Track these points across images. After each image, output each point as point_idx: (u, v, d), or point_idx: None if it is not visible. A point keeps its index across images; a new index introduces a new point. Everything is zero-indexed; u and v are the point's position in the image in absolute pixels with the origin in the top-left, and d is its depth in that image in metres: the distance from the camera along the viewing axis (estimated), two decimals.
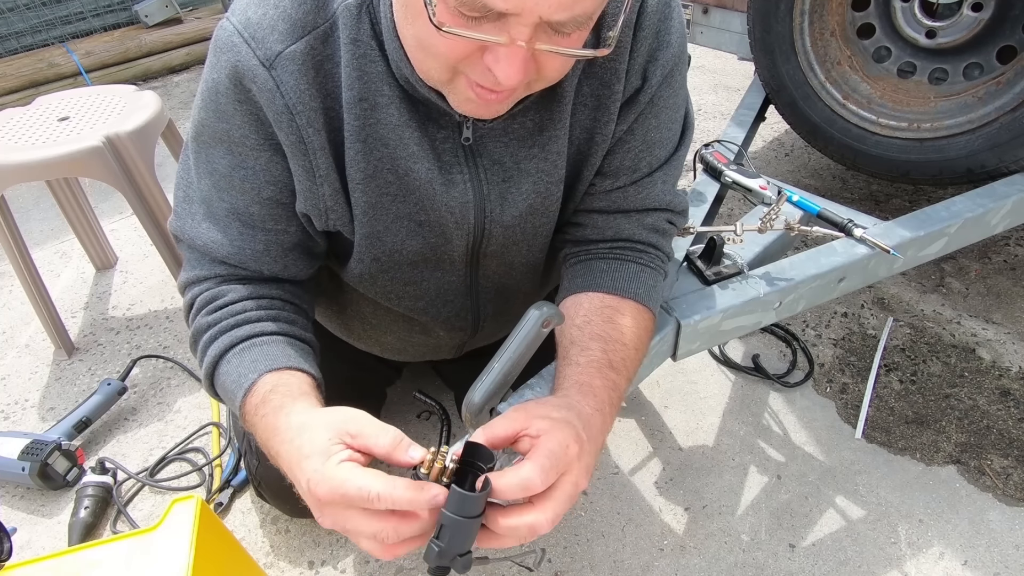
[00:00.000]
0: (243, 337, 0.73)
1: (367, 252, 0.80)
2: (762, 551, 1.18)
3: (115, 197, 2.25)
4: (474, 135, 0.73)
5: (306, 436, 0.58)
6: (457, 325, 0.96)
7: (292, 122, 0.68)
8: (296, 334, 0.77)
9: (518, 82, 0.56)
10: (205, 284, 0.77)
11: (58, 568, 0.77)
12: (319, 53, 0.67)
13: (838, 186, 2.15)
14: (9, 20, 3.06)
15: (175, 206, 0.79)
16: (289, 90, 0.66)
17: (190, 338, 0.78)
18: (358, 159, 0.71)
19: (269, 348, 0.72)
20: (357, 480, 0.52)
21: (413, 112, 0.70)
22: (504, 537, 0.55)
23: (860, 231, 1.11)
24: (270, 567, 1.19)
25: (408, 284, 0.87)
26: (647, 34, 0.72)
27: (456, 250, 0.83)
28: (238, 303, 0.75)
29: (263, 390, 0.67)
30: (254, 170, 0.72)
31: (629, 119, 0.78)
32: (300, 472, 0.56)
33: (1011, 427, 1.36)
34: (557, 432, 0.56)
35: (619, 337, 0.75)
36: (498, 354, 0.58)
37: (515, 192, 0.77)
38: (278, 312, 0.77)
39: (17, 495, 1.35)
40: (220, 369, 0.73)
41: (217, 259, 0.76)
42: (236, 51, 0.66)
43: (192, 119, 0.75)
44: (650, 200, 0.83)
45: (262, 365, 0.69)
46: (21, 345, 1.73)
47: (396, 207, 0.76)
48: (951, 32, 1.52)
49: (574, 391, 0.67)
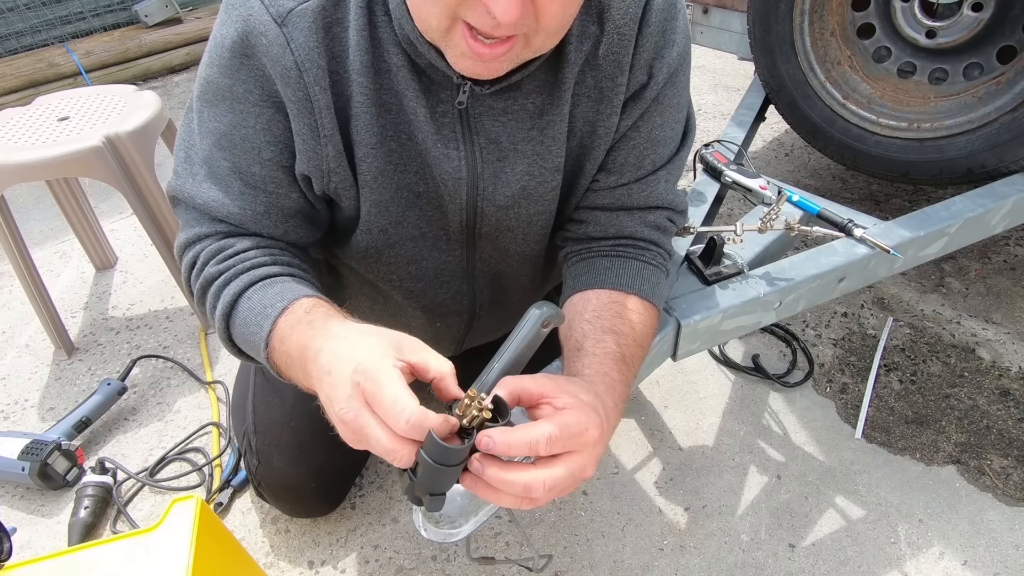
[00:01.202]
0: (262, 276, 0.72)
1: (375, 222, 0.80)
2: (762, 551, 1.18)
3: (115, 197, 2.26)
4: (472, 109, 0.73)
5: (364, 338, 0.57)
6: (453, 309, 0.96)
7: (300, 79, 0.68)
8: (310, 279, 0.76)
9: (516, 19, 0.55)
10: (208, 240, 0.76)
11: (58, 568, 0.77)
12: (330, 15, 0.67)
13: (838, 186, 2.15)
14: (9, 20, 3.06)
15: (175, 166, 0.78)
16: (299, 47, 0.67)
17: (196, 290, 0.75)
18: (371, 124, 0.71)
19: (292, 283, 0.71)
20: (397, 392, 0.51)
21: (416, 80, 0.70)
22: (499, 493, 0.54)
23: (860, 231, 1.11)
24: (270, 567, 1.19)
25: (410, 263, 0.87)
26: (653, 31, 0.73)
27: (452, 225, 0.83)
28: (249, 251, 0.74)
29: (302, 309, 0.66)
30: (255, 128, 0.72)
31: (634, 115, 0.78)
32: (347, 361, 0.54)
33: (1011, 427, 1.36)
34: (580, 412, 0.55)
35: (629, 332, 0.75)
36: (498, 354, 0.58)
37: (508, 172, 0.77)
38: (290, 259, 0.77)
39: (17, 495, 1.35)
40: (240, 307, 0.71)
41: (217, 218, 0.75)
42: (249, 6, 0.67)
43: (199, 76, 0.74)
44: (653, 198, 0.83)
45: (291, 293, 0.68)
46: (21, 345, 1.73)
47: (398, 176, 0.76)
48: (951, 32, 1.52)
49: (599, 381, 0.65)
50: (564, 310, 0.81)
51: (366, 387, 0.52)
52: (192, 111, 0.76)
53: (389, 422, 0.51)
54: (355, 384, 0.52)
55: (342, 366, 0.54)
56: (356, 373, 0.53)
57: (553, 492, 0.53)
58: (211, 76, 0.71)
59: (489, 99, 0.73)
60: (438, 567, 1.17)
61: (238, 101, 0.71)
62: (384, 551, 1.20)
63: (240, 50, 0.68)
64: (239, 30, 0.67)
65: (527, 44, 0.62)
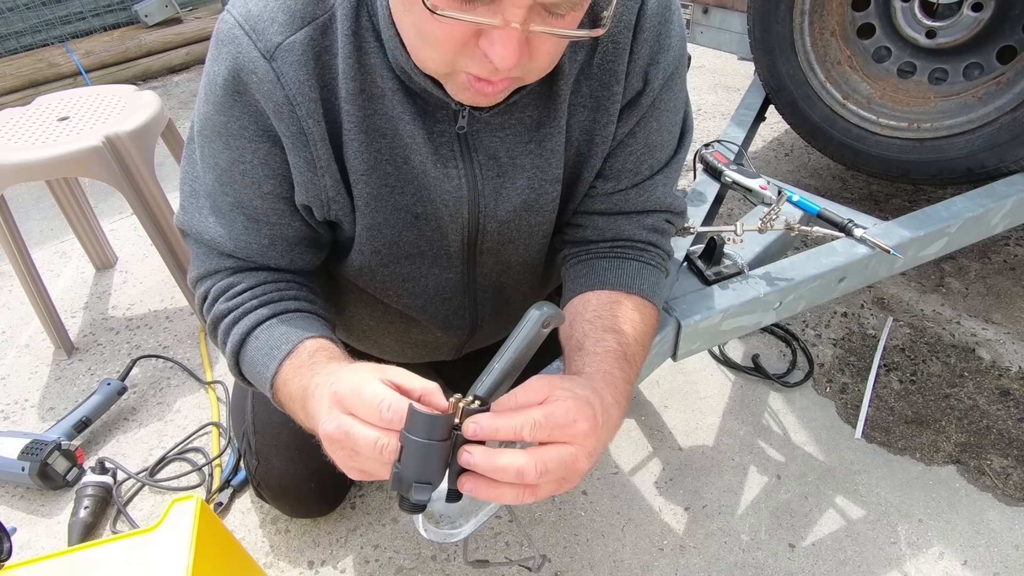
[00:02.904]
0: (268, 316, 0.74)
1: (368, 244, 0.80)
2: (762, 551, 1.18)
3: (115, 197, 2.25)
4: (470, 127, 0.73)
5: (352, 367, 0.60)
6: (455, 324, 0.96)
7: (292, 113, 0.68)
8: (318, 312, 0.78)
9: (514, 64, 0.56)
10: (217, 276, 0.78)
11: (58, 568, 0.77)
12: (318, 44, 0.67)
13: (838, 186, 2.15)
14: (9, 20, 3.06)
15: (182, 200, 0.80)
16: (289, 81, 0.67)
17: (208, 326, 0.79)
18: (361, 150, 0.72)
19: (299, 321, 0.74)
20: (374, 387, 0.53)
21: (410, 104, 0.70)
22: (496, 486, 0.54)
23: (860, 231, 1.11)
24: (270, 567, 1.19)
25: (407, 281, 0.87)
26: (647, 36, 0.72)
27: (452, 244, 0.83)
28: (257, 287, 0.77)
29: (306, 352, 0.69)
30: (252, 164, 0.73)
31: (631, 122, 0.78)
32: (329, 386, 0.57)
33: (1011, 427, 1.36)
34: (570, 403, 0.55)
35: (630, 331, 0.75)
36: (498, 354, 0.58)
37: (509, 187, 0.78)
38: (296, 292, 0.79)
39: (17, 495, 1.35)
40: (248, 346, 0.74)
41: (225, 253, 0.77)
42: (237, 43, 0.67)
43: (196, 113, 0.76)
44: (651, 202, 0.83)
45: (295, 335, 0.71)
46: (21, 345, 1.73)
47: (395, 199, 0.76)
48: (951, 32, 1.52)
49: (599, 378, 0.66)
50: (566, 311, 0.81)
51: (345, 398, 0.54)
52: (194, 145, 0.77)
53: (371, 418, 0.53)
54: (333, 396, 0.55)
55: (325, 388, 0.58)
56: (336, 390, 0.56)
57: (547, 478, 0.53)
58: (208, 113, 0.72)
59: (486, 116, 0.73)
60: (438, 567, 1.17)
61: (234, 137, 0.71)
62: (384, 551, 1.20)
63: (232, 87, 0.68)
64: (230, 67, 0.67)
65: (522, 79, 0.64)
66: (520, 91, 0.70)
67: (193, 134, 0.77)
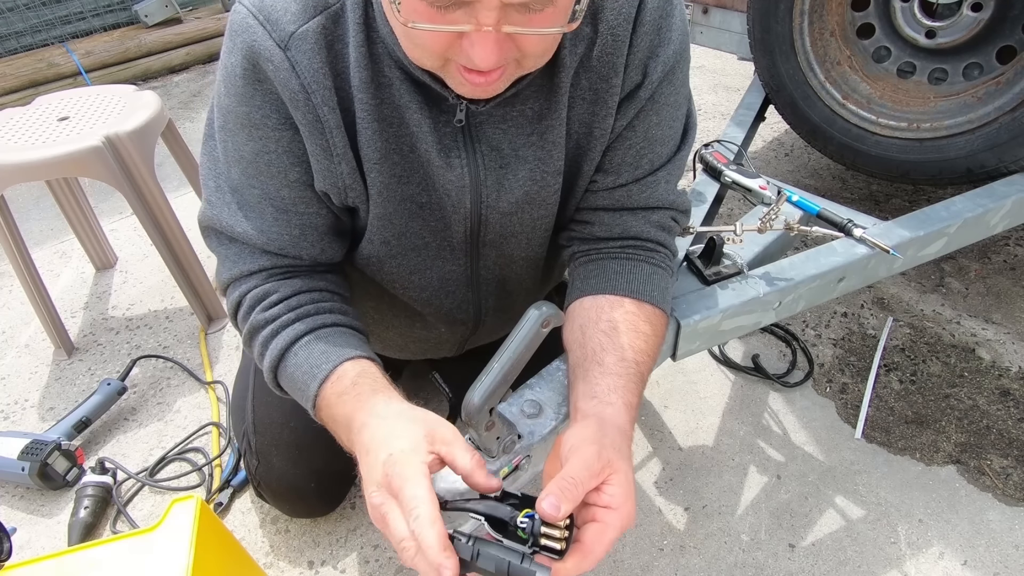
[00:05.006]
0: (305, 331, 0.75)
1: (378, 234, 0.81)
2: (762, 551, 1.18)
3: (115, 197, 2.25)
4: (472, 120, 0.74)
5: (402, 424, 0.62)
6: (459, 318, 0.97)
7: (308, 101, 0.69)
8: (352, 324, 0.79)
9: (495, 63, 0.57)
10: (252, 280, 0.78)
11: (58, 568, 0.77)
12: (330, 33, 0.68)
13: (838, 186, 2.15)
14: (9, 20, 3.06)
15: (207, 196, 0.79)
16: (304, 69, 0.67)
17: (244, 334, 0.79)
18: (374, 139, 0.72)
19: (336, 338, 0.75)
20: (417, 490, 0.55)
21: (417, 93, 0.71)
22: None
23: (860, 231, 1.11)
24: (270, 567, 1.19)
25: (413, 273, 0.88)
26: (647, 30, 0.72)
27: (456, 236, 0.83)
28: (292, 298, 0.77)
29: (348, 379, 0.70)
30: (277, 153, 0.73)
31: (629, 115, 0.78)
32: (384, 447, 0.59)
33: (1011, 427, 1.36)
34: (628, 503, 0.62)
35: (643, 347, 0.76)
36: (498, 354, 0.58)
37: (511, 179, 0.78)
38: (331, 304, 0.79)
39: (17, 495, 1.35)
40: (288, 362, 0.74)
41: (258, 249, 0.77)
42: (251, 33, 0.67)
43: (216, 106, 0.76)
44: (654, 199, 0.83)
45: (334, 356, 0.72)
46: (21, 345, 1.73)
47: (402, 188, 0.77)
48: (951, 32, 1.52)
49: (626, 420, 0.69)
50: (573, 311, 0.81)
51: (393, 480, 0.56)
52: (215, 139, 0.77)
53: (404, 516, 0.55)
54: (385, 474, 0.57)
55: (378, 450, 0.60)
56: (387, 464, 0.57)
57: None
58: (229, 105, 0.72)
59: (488, 108, 0.73)
60: None
61: (257, 128, 0.72)
62: (384, 551, 1.20)
63: (251, 76, 0.69)
64: (247, 57, 0.68)
65: (519, 66, 0.64)
66: (521, 82, 0.70)
67: (213, 130, 0.77)
